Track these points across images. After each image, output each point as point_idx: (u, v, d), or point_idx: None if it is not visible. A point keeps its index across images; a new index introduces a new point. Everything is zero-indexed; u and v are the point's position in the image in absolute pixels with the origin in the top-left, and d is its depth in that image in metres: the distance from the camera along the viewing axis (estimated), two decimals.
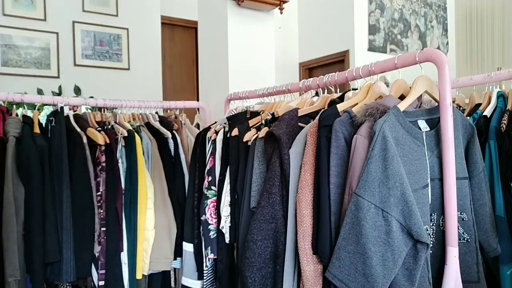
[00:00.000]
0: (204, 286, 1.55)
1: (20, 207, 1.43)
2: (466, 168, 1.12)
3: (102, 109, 1.96)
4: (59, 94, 3.56)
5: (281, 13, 2.48)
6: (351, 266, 0.93)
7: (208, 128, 1.68)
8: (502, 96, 1.46)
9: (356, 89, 1.27)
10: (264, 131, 1.30)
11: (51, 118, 1.58)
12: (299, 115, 1.28)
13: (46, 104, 1.92)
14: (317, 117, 1.12)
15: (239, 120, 1.57)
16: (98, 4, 3.85)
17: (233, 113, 1.67)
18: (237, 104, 1.97)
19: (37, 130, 1.57)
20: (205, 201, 1.52)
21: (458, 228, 1.05)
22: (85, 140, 1.60)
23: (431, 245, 1.05)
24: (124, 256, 1.55)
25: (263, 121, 1.40)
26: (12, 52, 3.45)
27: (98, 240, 1.54)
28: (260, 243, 1.15)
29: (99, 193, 1.58)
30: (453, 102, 1.45)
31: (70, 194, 1.51)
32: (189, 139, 1.96)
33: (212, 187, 1.53)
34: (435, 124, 1.08)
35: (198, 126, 2.29)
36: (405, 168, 0.96)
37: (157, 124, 1.86)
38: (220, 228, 1.45)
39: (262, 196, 1.19)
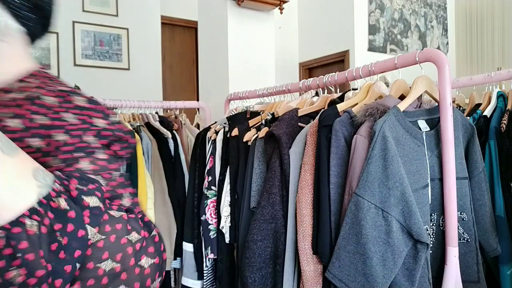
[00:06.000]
0: (204, 286, 1.55)
1: None
2: (466, 168, 1.12)
3: None
4: None
5: (281, 13, 2.48)
6: (351, 266, 0.93)
7: (208, 128, 1.68)
8: (502, 96, 1.46)
9: (356, 89, 1.27)
10: (264, 131, 1.30)
11: None
12: (299, 115, 1.28)
13: None
14: (317, 117, 1.12)
15: (239, 120, 1.57)
16: (98, 4, 3.85)
17: (233, 113, 1.67)
18: (237, 104, 1.97)
19: None
20: (205, 201, 1.52)
21: (458, 228, 1.05)
22: None
23: (431, 245, 1.05)
24: None
25: (263, 121, 1.40)
26: None
27: None
28: (260, 243, 1.15)
29: None
30: (453, 102, 1.45)
31: None
32: (189, 139, 1.96)
33: (212, 187, 1.53)
34: (435, 124, 1.08)
35: (198, 126, 2.28)
36: (405, 168, 0.96)
37: (157, 124, 1.86)
38: (220, 228, 1.45)
39: (262, 196, 1.19)
